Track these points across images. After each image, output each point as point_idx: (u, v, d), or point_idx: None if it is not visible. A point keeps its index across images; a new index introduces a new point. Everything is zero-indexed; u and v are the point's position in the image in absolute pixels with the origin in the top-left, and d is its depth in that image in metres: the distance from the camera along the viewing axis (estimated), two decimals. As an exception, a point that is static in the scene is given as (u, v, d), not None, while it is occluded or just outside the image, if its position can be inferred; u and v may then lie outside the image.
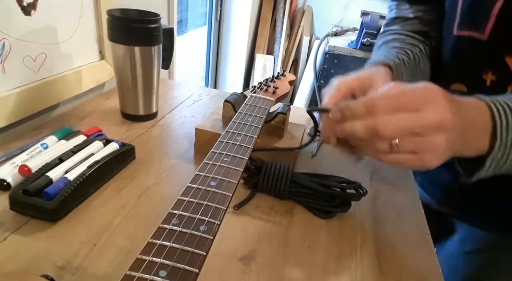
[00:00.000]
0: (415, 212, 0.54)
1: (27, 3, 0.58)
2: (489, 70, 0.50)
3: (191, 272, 0.26)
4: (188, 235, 0.29)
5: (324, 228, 0.48)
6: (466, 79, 0.55)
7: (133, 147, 0.57)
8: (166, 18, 1.09)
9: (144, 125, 0.69)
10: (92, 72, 0.75)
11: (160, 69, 0.68)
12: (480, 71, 0.51)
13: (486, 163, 0.38)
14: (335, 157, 0.67)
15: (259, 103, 0.56)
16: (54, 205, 0.42)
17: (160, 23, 0.64)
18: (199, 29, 2.17)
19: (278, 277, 0.40)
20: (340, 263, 0.43)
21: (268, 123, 0.59)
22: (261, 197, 0.53)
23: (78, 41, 0.70)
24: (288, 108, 0.61)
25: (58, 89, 0.67)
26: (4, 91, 0.58)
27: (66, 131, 0.59)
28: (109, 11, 0.61)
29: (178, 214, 0.31)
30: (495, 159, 0.37)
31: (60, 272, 0.37)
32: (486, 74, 0.51)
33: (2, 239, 0.40)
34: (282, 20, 2.38)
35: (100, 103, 0.75)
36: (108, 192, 0.50)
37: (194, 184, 0.35)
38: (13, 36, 0.57)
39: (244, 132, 0.46)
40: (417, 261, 0.45)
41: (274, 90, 0.61)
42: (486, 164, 0.38)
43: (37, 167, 0.47)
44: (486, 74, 0.51)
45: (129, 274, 0.25)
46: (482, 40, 0.50)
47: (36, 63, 0.63)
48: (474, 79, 0.52)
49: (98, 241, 0.41)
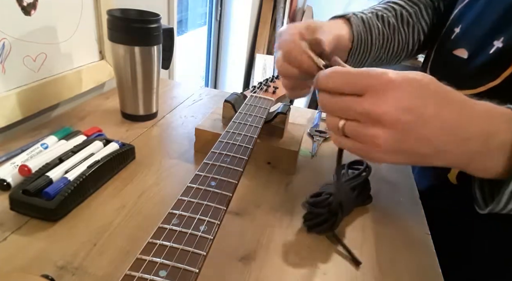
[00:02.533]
0: (415, 212, 0.54)
1: (27, 3, 0.58)
2: (503, 36, 0.47)
3: (191, 272, 0.26)
4: (188, 235, 0.29)
5: (324, 228, 0.48)
6: (473, 42, 0.51)
7: (133, 147, 0.57)
8: (166, 18, 1.09)
9: (144, 125, 0.69)
10: (92, 72, 0.75)
11: (160, 69, 0.68)
12: (493, 34, 0.48)
13: (503, 194, 0.32)
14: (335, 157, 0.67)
15: (259, 103, 0.56)
16: (54, 205, 0.42)
17: (160, 23, 0.64)
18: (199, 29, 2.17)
19: (278, 277, 0.40)
20: (340, 263, 0.43)
21: (268, 123, 0.59)
22: (261, 196, 0.53)
23: (78, 41, 0.70)
24: (288, 108, 0.61)
25: (58, 89, 0.67)
26: (4, 91, 0.58)
27: (66, 131, 0.59)
28: (109, 11, 0.61)
29: (178, 214, 0.31)
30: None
31: (60, 272, 0.37)
32: (498, 40, 0.47)
33: (2, 239, 0.40)
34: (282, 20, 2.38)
35: (100, 103, 0.75)
36: (108, 192, 0.50)
37: (194, 184, 0.35)
38: (13, 36, 0.57)
39: (244, 132, 0.46)
40: (417, 261, 0.45)
41: (274, 90, 0.61)
42: (502, 195, 0.32)
43: (37, 167, 0.47)
44: (498, 39, 0.47)
45: (129, 274, 0.25)
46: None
47: (36, 63, 0.63)
48: (482, 43, 0.49)
49: (98, 241, 0.41)
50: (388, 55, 0.61)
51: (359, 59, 0.58)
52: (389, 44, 0.59)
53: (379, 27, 0.57)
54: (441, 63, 0.57)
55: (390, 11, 0.59)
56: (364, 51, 0.57)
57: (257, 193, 0.54)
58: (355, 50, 0.56)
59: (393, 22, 0.58)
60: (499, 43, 0.47)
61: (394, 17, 0.58)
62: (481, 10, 0.52)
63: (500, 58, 0.46)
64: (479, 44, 0.50)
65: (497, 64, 0.47)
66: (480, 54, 0.49)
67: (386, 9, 0.59)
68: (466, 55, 0.52)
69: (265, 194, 0.54)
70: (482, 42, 0.49)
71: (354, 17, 0.56)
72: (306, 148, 0.68)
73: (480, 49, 0.49)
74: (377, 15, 0.58)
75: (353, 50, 0.56)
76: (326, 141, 0.71)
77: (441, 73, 0.54)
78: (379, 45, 0.58)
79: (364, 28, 0.56)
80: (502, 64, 0.46)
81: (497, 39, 0.47)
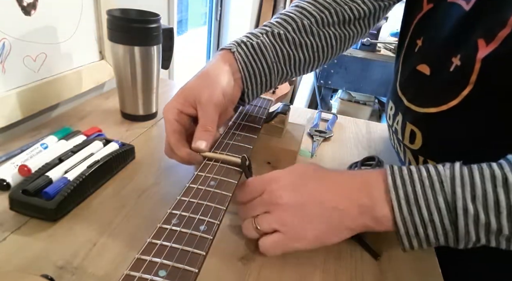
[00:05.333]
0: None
1: (27, 3, 0.58)
2: (460, 53, 0.45)
3: (191, 272, 0.26)
4: (188, 235, 0.29)
5: (324, 228, 0.48)
6: (434, 58, 0.50)
7: (133, 147, 0.57)
8: (166, 18, 1.09)
9: (144, 125, 0.69)
10: (92, 72, 0.75)
11: (160, 69, 0.68)
12: (451, 51, 0.46)
13: (401, 238, 0.37)
14: (335, 157, 0.67)
15: (258, 103, 0.56)
16: (54, 205, 0.42)
17: (160, 23, 0.64)
18: (199, 29, 2.17)
19: (278, 277, 0.40)
20: (340, 263, 0.43)
21: (267, 123, 0.59)
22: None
23: (78, 41, 0.70)
24: (288, 108, 0.62)
25: (58, 89, 0.67)
26: (4, 91, 0.58)
27: (66, 131, 0.59)
28: (109, 11, 0.61)
29: (178, 214, 0.31)
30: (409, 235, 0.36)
31: (60, 272, 0.37)
32: (455, 57, 0.46)
33: (2, 239, 0.40)
34: (282, 20, 2.37)
35: (100, 103, 0.75)
36: (108, 192, 0.50)
37: (195, 184, 0.36)
38: (13, 36, 0.57)
39: (244, 132, 0.47)
40: (417, 261, 0.45)
41: (273, 90, 0.61)
42: (402, 240, 0.37)
43: (37, 167, 0.47)
44: (455, 56, 0.46)
45: (129, 274, 0.25)
46: (465, 10, 0.45)
47: (36, 63, 0.63)
48: (442, 60, 0.48)
49: (98, 241, 0.41)
50: (296, 70, 0.55)
51: (259, 88, 0.53)
52: (292, 60, 0.54)
53: (275, 47, 0.52)
54: (408, 78, 0.55)
55: (290, 24, 0.53)
56: (261, 78, 0.52)
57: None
58: (249, 80, 0.51)
59: (292, 36, 0.53)
60: (457, 60, 0.45)
61: (293, 30, 0.53)
62: (439, 22, 0.50)
63: (460, 77, 0.45)
64: (439, 60, 0.48)
65: (457, 82, 0.45)
66: (441, 71, 0.48)
67: (283, 23, 0.53)
68: (429, 72, 0.50)
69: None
70: (442, 59, 0.48)
71: (240, 48, 0.50)
72: (306, 148, 0.68)
73: (440, 66, 0.48)
74: (273, 33, 0.52)
75: (246, 81, 0.51)
76: (326, 141, 0.71)
77: (410, 89, 0.55)
78: (280, 65, 0.53)
79: (255, 55, 0.51)
80: (461, 82, 0.44)
81: (455, 56, 0.46)
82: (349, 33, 0.57)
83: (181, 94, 0.47)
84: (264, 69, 0.51)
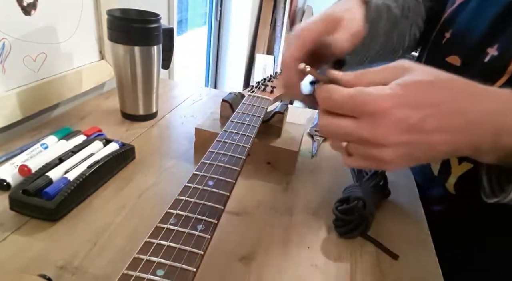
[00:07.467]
0: (415, 212, 0.54)
1: (27, 3, 0.58)
2: (497, 43, 0.45)
3: (188, 271, 0.26)
4: (185, 234, 0.29)
5: (324, 228, 0.48)
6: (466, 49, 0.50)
7: (133, 147, 0.57)
8: (166, 18, 1.09)
9: (144, 125, 0.69)
10: (92, 72, 0.75)
11: (160, 69, 0.68)
12: (487, 42, 0.46)
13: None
14: (335, 157, 0.67)
15: (256, 102, 0.56)
16: (54, 205, 0.42)
17: (160, 23, 0.64)
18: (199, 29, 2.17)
19: (278, 277, 0.40)
20: (340, 263, 0.43)
21: (265, 123, 0.59)
22: (261, 196, 0.53)
23: (78, 41, 0.71)
24: (286, 107, 0.61)
25: (58, 89, 0.67)
26: (4, 91, 0.58)
27: (66, 131, 0.59)
28: (109, 11, 0.62)
29: (176, 213, 0.31)
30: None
31: (60, 272, 0.37)
32: (491, 47, 0.45)
33: (2, 239, 0.40)
34: (282, 20, 2.38)
35: (100, 103, 0.76)
36: (108, 192, 0.50)
37: (192, 183, 0.35)
38: (13, 36, 0.57)
39: (242, 132, 0.46)
40: (417, 261, 0.45)
41: (271, 89, 0.61)
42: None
43: (37, 167, 0.48)
44: (492, 47, 0.45)
45: (126, 273, 0.25)
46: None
47: (36, 63, 0.63)
48: (476, 51, 0.48)
49: (98, 241, 0.41)
50: (386, 51, 0.56)
51: (360, 57, 0.53)
52: (390, 38, 0.54)
53: (386, 16, 0.52)
54: None
55: (396, 1, 0.54)
56: (368, 45, 0.51)
57: (257, 193, 0.54)
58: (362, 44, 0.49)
59: (395, 13, 0.53)
60: (494, 51, 0.46)
61: (397, 7, 0.53)
62: (472, 16, 0.50)
63: (495, 66, 0.45)
64: (472, 52, 0.48)
65: (492, 72, 0.45)
66: (474, 62, 0.48)
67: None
68: (459, 63, 0.50)
69: (265, 194, 0.54)
70: (476, 50, 0.48)
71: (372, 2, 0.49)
72: (306, 148, 0.68)
73: (473, 57, 0.48)
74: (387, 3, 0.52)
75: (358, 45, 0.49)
76: (326, 141, 0.71)
77: None
78: (383, 39, 0.53)
79: (376, 17, 0.50)
80: (497, 72, 0.44)
81: (491, 47, 0.46)
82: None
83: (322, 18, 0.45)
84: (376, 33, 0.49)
